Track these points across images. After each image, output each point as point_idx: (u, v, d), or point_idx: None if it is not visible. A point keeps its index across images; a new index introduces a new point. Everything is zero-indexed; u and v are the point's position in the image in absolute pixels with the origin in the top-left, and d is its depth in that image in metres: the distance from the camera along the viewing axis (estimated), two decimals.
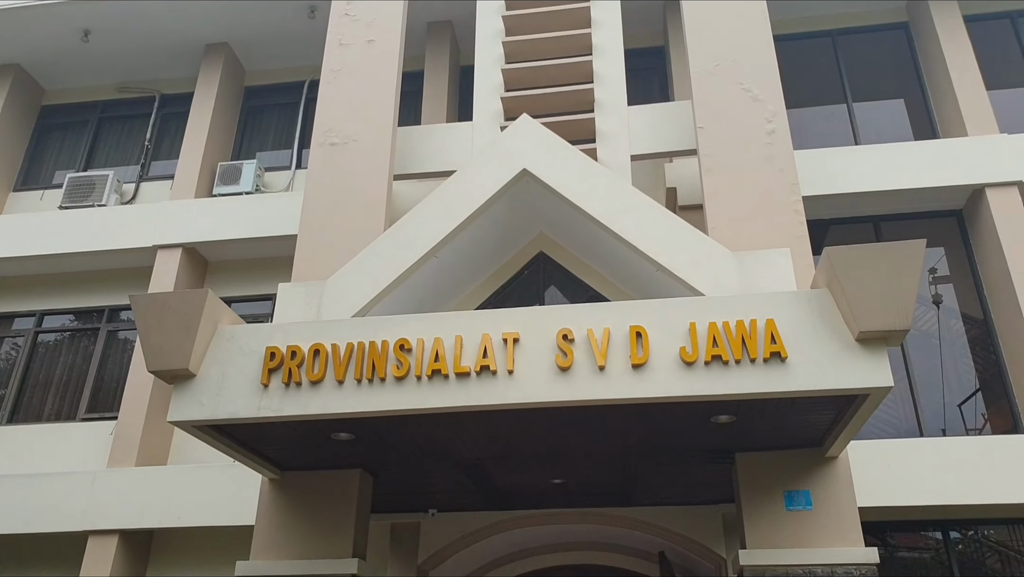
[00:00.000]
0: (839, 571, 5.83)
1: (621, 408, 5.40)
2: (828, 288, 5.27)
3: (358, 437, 5.99)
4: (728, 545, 7.73)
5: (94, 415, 10.04)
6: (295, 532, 6.52)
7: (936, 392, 9.15)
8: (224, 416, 5.52)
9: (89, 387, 10.24)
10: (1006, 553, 8.47)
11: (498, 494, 7.73)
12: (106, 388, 10.27)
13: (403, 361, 5.42)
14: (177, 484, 8.86)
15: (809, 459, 6.21)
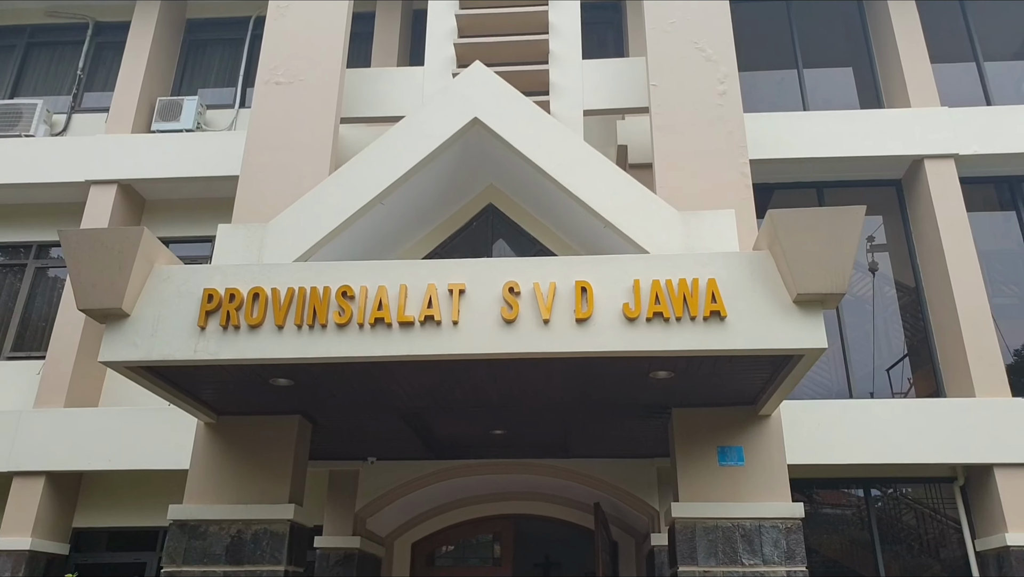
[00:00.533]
0: (766, 524, 6.05)
1: (564, 361, 5.44)
2: (769, 250, 5.36)
3: (297, 383, 5.92)
4: (661, 498, 7.94)
5: (20, 353, 9.71)
6: (231, 477, 6.45)
7: (867, 356, 9.48)
8: (159, 358, 5.37)
9: (15, 325, 9.87)
10: (922, 511, 8.91)
11: (438, 443, 7.77)
12: (34, 326, 9.93)
13: (345, 308, 5.34)
14: (108, 426, 8.66)
15: (743, 416, 6.38)
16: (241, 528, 6.25)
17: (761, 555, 5.95)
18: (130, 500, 9.00)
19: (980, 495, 8.27)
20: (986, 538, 8.10)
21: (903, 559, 8.63)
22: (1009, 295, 9.57)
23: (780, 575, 5.87)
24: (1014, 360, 9.22)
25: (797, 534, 6.01)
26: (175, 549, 6.22)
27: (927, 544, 8.75)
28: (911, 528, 8.86)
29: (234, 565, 6.14)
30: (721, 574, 5.93)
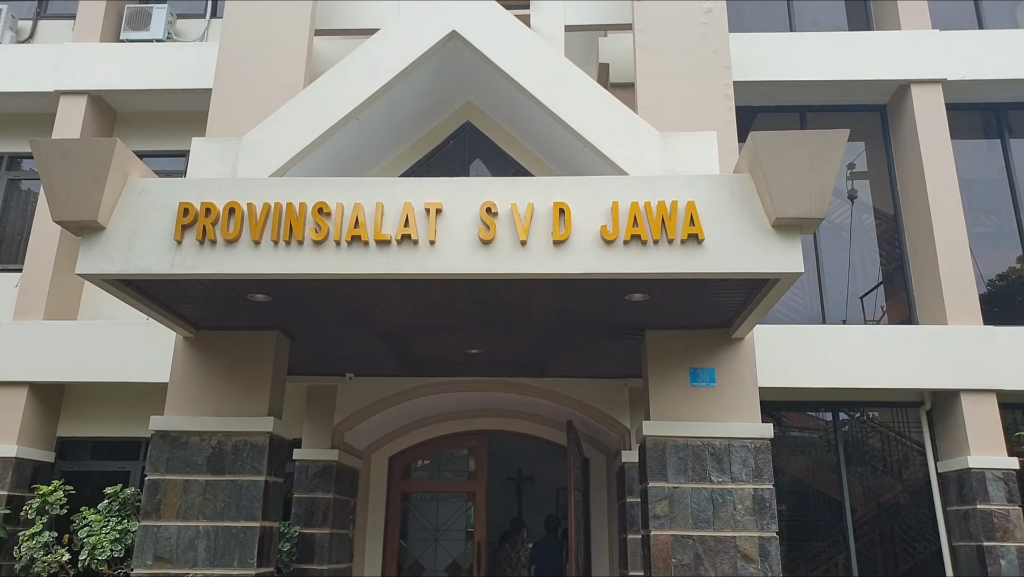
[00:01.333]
0: (735, 444, 6.22)
1: (541, 283, 5.46)
2: (750, 173, 5.34)
3: (275, 299, 5.92)
4: (633, 417, 8.13)
5: None
6: (210, 390, 6.53)
7: (841, 283, 9.59)
8: (136, 271, 5.35)
9: None
10: (887, 434, 9.19)
11: (415, 361, 7.87)
12: (9, 239, 9.81)
13: (322, 225, 5.31)
14: (88, 339, 8.69)
15: (716, 339, 6.48)
16: (222, 439, 6.36)
17: (730, 473, 6.14)
18: (113, 411, 9.10)
19: (945, 419, 8.52)
20: (948, 460, 8.39)
21: (867, 480, 8.95)
22: (987, 224, 9.64)
23: (747, 492, 6.08)
24: (987, 289, 9.37)
25: (765, 454, 6.20)
26: (158, 458, 6.34)
27: (891, 466, 9.06)
28: (876, 451, 9.16)
29: (215, 474, 6.27)
30: (690, 490, 6.13)
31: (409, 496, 9.73)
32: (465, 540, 9.53)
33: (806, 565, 8.63)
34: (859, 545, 8.62)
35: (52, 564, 7.60)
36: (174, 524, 6.18)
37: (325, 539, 8.01)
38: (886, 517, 8.80)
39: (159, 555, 6.10)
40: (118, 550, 7.40)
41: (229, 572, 6.05)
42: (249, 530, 6.14)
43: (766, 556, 5.94)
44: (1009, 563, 7.57)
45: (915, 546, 8.66)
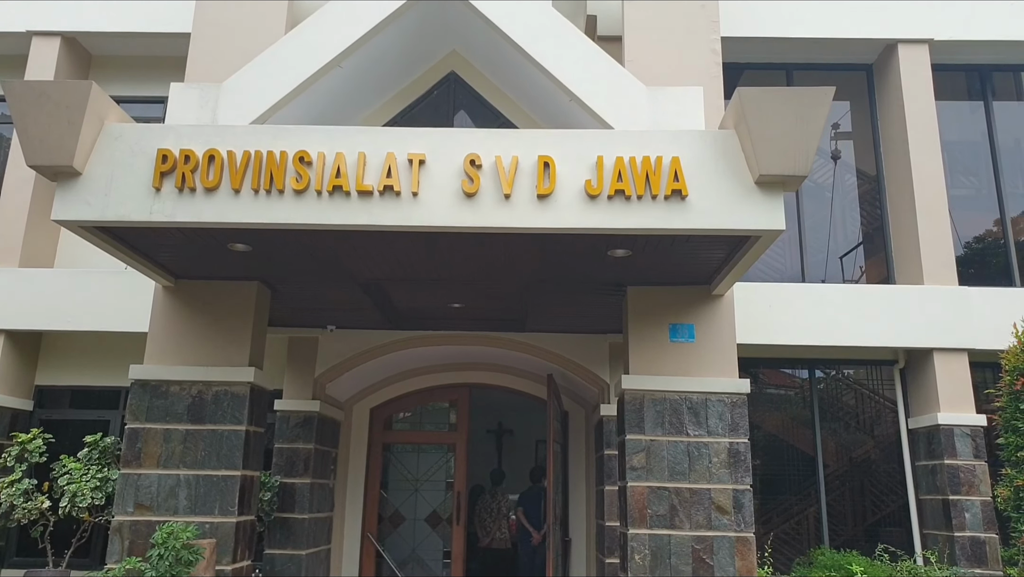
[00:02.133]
0: (712, 398, 6.32)
1: (524, 237, 5.46)
2: (735, 129, 5.32)
3: (255, 249, 5.87)
4: (612, 371, 8.21)
5: None
6: (190, 339, 6.50)
7: (822, 243, 9.66)
8: (113, 218, 5.28)
9: None
10: (861, 391, 9.36)
11: (397, 314, 7.87)
12: None
13: (303, 174, 5.25)
14: (66, 287, 8.59)
15: (696, 296, 6.53)
16: (202, 389, 6.36)
17: (706, 427, 6.25)
18: (91, 360, 9.06)
19: (917, 377, 8.68)
20: (919, 417, 8.57)
21: (839, 436, 9.13)
22: (967, 186, 9.72)
23: (723, 446, 6.20)
24: (964, 251, 9.47)
25: (742, 408, 6.30)
26: (138, 407, 6.34)
27: (863, 422, 9.25)
28: (849, 408, 9.33)
29: (196, 424, 6.29)
30: (666, 443, 6.23)
31: (390, 447, 9.82)
32: (445, 490, 9.66)
33: (778, 517, 8.85)
34: (830, 499, 8.84)
35: (32, 511, 7.62)
36: (155, 472, 6.21)
37: (306, 488, 8.09)
38: (857, 472, 9.02)
39: (140, 502, 6.14)
40: (99, 498, 7.43)
41: (210, 520, 6.10)
42: (230, 479, 6.18)
43: (739, 508, 6.08)
44: (973, 516, 7.80)
45: (883, 500, 8.90)
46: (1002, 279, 9.14)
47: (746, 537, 6.03)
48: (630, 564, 6.01)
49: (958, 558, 7.72)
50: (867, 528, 8.82)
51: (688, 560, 5.98)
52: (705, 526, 6.04)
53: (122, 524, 6.10)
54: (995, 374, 8.31)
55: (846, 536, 8.72)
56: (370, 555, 9.28)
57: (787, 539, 8.80)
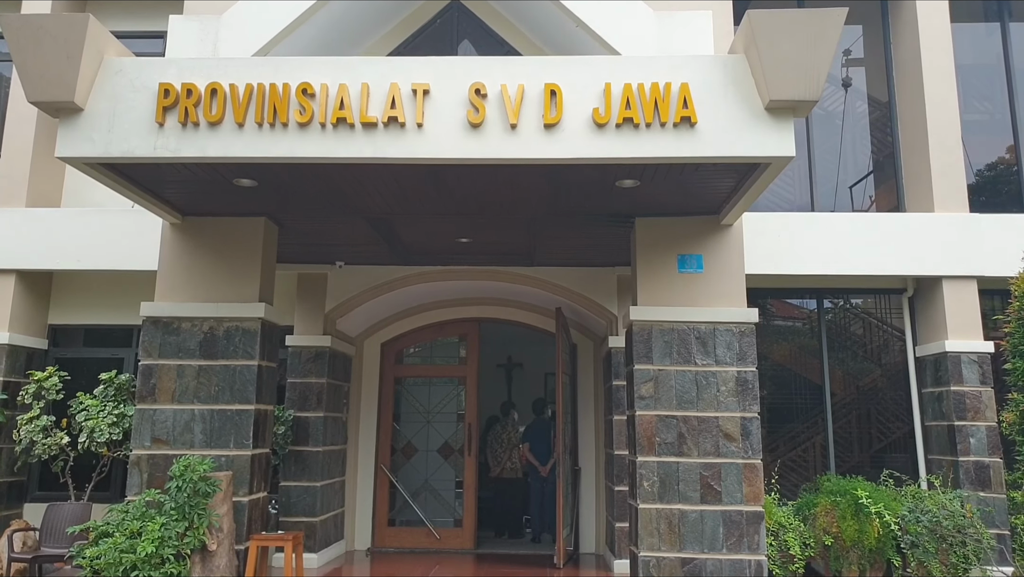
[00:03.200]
0: (720, 328, 6.34)
1: (531, 168, 5.40)
2: (745, 53, 5.21)
3: (261, 184, 5.85)
4: (620, 304, 8.23)
5: None
6: (199, 276, 6.53)
7: (831, 172, 9.54)
8: (118, 154, 5.25)
9: None
10: (869, 321, 9.37)
11: (405, 249, 7.86)
12: None
13: (306, 107, 5.18)
14: (74, 226, 8.60)
15: (705, 226, 6.50)
16: (213, 325, 6.42)
17: (714, 356, 6.29)
18: (103, 299, 9.12)
19: (926, 306, 8.68)
20: (926, 345, 8.60)
21: (847, 365, 9.19)
22: (980, 111, 9.53)
23: (731, 374, 6.24)
24: (976, 179, 9.35)
25: (750, 337, 6.33)
26: (150, 344, 6.41)
27: (871, 352, 9.29)
28: (857, 337, 9.36)
29: (208, 359, 6.36)
30: (674, 372, 6.29)
31: (402, 381, 9.94)
32: (456, 422, 9.81)
33: (785, 446, 8.97)
34: (836, 427, 8.94)
35: (52, 446, 7.79)
36: (170, 407, 6.31)
37: (320, 422, 8.23)
38: (864, 400, 9.10)
39: (157, 437, 6.26)
40: (116, 433, 7.58)
41: (226, 453, 6.23)
42: (244, 413, 6.29)
43: (747, 435, 6.16)
44: (978, 441, 7.89)
45: (889, 427, 9.00)
46: (1013, 206, 9.04)
47: (754, 464, 6.12)
48: (639, 491, 6.13)
49: (962, 482, 7.84)
50: (873, 455, 8.95)
51: (696, 486, 6.09)
52: (713, 453, 6.14)
53: (140, 458, 6.23)
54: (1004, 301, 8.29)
55: (852, 463, 8.85)
56: (383, 486, 9.49)
57: (794, 466, 8.94)
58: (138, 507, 5.73)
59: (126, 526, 5.49)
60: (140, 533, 5.44)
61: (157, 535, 5.39)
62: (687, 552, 5.99)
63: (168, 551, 5.41)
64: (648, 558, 6.00)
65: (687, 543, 6.00)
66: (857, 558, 7.57)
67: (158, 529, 5.43)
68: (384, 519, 9.43)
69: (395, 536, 9.40)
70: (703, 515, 6.04)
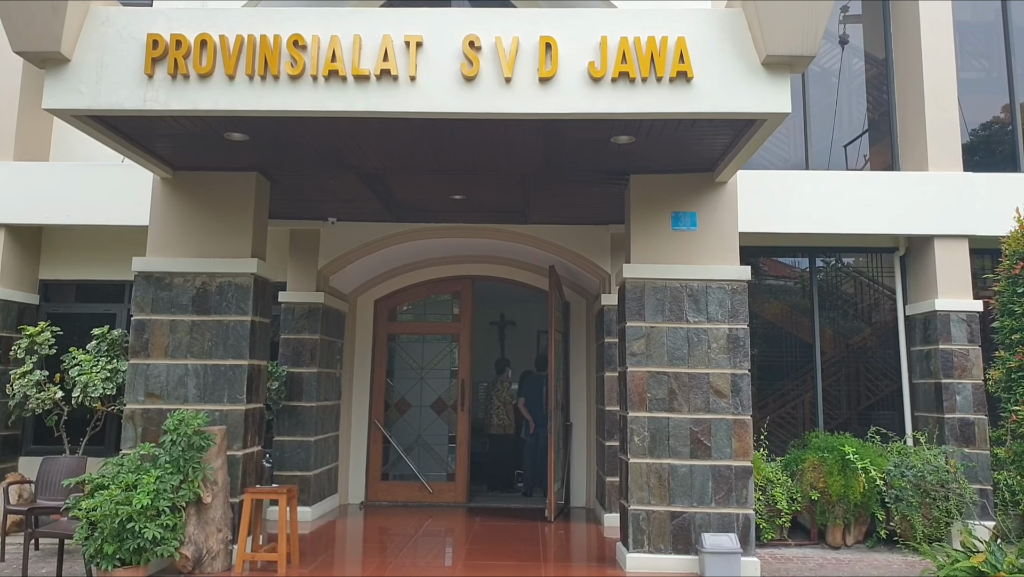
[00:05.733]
0: (713, 285, 6.37)
1: (526, 123, 5.36)
2: (742, 7, 5.14)
3: (253, 139, 5.79)
4: (614, 262, 8.24)
5: None
6: (191, 231, 6.50)
7: (826, 131, 9.50)
8: (106, 107, 5.17)
9: None
10: (860, 280, 9.41)
11: (398, 206, 7.83)
12: None
13: (297, 59, 5.10)
14: (64, 180, 8.51)
15: (699, 183, 6.48)
16: (206, 280, 6.40)
17: (706, 313, 6.32)
18: (95, 254, 9.08)
19: (917, 264, 8.72)
20: (917, 304, 8.66)
21: (837, 323, 9.25)
22: (977, 69, 9.47)
23: (723, 332, 6.29)
24: (970, 139, 9.33)
25: (742, 295, 6.36)
26: (143, 299, 6.40)
27: (862, 310, 9.35)
28: (848, 296, 9.41)
29: (201, 315, 6.36)
30: (666, 329, 6.32)
31: (395, 337, 9.98)
32: (450, 378, 9.87)
33: (775, 403, 9.08)
34: (826, 384, 9.04)
35: (46, 401, 7.81)
36: (163, 362, 6.32)
37: (313, 377, 8.27)
38: (853, 358, 9.19)
39: (150, 391, 6.28)
40: (109, 388, 7.60)
41: (220, 407, 6.26)
42: (237, 368, 6.31)
43: (737, 392, 6.22)
44: (964, 398, 8.00)
45: (878, 385, 9.10)
46: (1007, 166, 9.04)
47: (743, 420, 6.20)
48: (629, 446, 6.21)
49: (947, 439, 7.97)
50: (861, 412, 9.07)
51: (686, 441, 6.17)
52: (703, 409, 6.21)
53: (134, 412, 6.26)
54: (994, 260, 8.34)
55: (840, 420, 8.97)
56: (377, 440, 9.59)
57: (782, 423, 9.06)
58: (133, 460, 5.77)
59: (121, 479, 5.53)
60: (135, 486, 5.48)
61: (152, 488, 5.43)
62: (676, 506, 6.10)
63: (163, 503, 5.46)
64: (638, 512, 6.11)
65: (676, 497, 6.10)
66: (842, 512, 7.72)
67: (153, 482, 5.47)
68: (378, 473, 9.54)
69: (388, 490, 9.52)
70: (693, 470, 6.13)
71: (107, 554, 5.32)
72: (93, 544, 5.36)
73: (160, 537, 5.39)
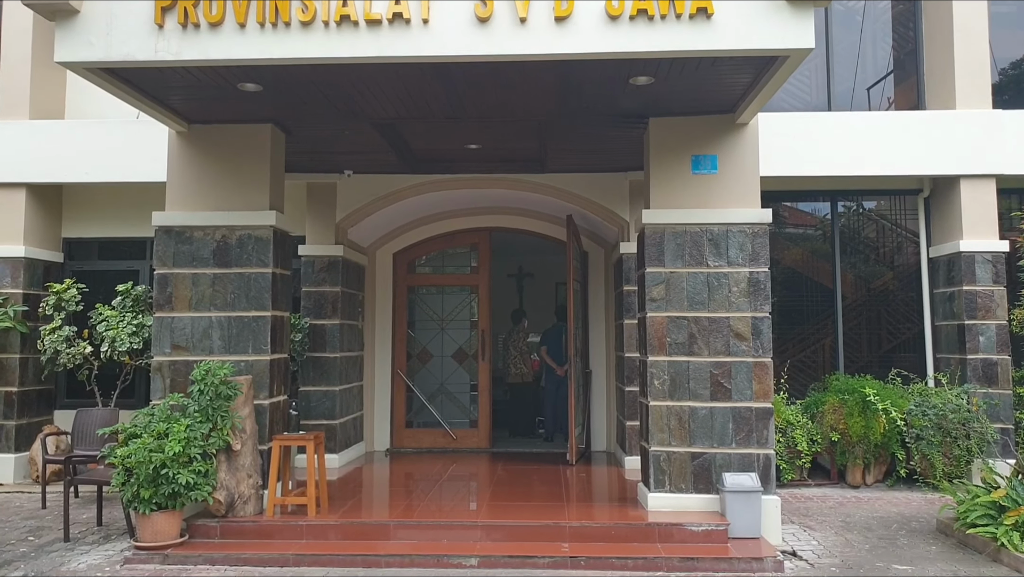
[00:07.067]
0: (734, 229, 6.30)
1: (541, 65, 5.26)
2: None
3: (266, 89, 5.74)
4: (632, 210, 8.16)
5: None
6: (209, 185, 6.51)
7: (850, 72, 9.29)
8: (118, 58, 5.14)
9: None
10: (882, 224, 9.29)
11: (414, 157, 7.78)
12: None
13: (308, 5, 5.03)
14: (79, 138, 8.56)
15: (719, 125, 6.37)
16: (226, 233, 6.43)
17: (726, 257, 6.27)
18: (115, 212, 9.17)
19: (942, 206, 8.59)
20: (940, 245, 8.55)
21: (858, 268, 9.18)
22: (1009, 3, 9.18)
23: (743, 275, 6.24)
24: (1000, 78, 9.09)
25: (763, 238, 6.29)
26: (164, 253, 6.45)
27: (884, 255, 9.26)
28: (870, 240, 9.31)
29: (223, 267, 6.41)
30: (686, 274, 6.28)
31: (415, 289, 10.03)
32: (470, 329, 9.93)
33: (795, 348, 9.07)
34: (846, 328, 9.01)
35: (76, 356, 7.97)
36: (187, 315, 6.40)
37: (336, 329, 8.34)
38: (874, 302, 9.13)
39: (176, 344, 6.37)
40: (136, 343, 7.74)
41: (245, 358, 6.34)
42: (260, 319, 6.37)
43: (758, 334, 6.20)
44: (987, 339, 7.94)
45: (899, 328, 9.05)
46: None
47: (764, 362, 6.19)
48: (649, 389, 6.24)
49: (969, 379, 7.94)
50: (882, 355, 9.04)
51: (706, 384, 6.18)
52: (723, 352, 6.20)
53: (162, 364, 6.36)
54: (1022, 199, 8.21)
55: (861, 363, 8.95)
56: (400, 390, 9.71)
57: (802, 367, 9.06)
58: (163, 410, 5.89)
59: (153, 428, 5.65)
60: (167, 434, 5.60)
61: (183, 436, 5.55)
62: (697, 447, 6.13)
63: (194, 450, 5.58)
64: (659, 453, 6.16)
65: (697, 438, 6.14)
66: (862, 453, 7.76)
67: (183, 430, 5.59)
68: (402, 421, 9.69)
69: (413, 437, 9.68)
70: (713, 411, 6.15)
71: (144, 499, 5.47)
72: (130, 489, 5.51)
73: (193, 482, 5.53)
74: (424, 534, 5.84)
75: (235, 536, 5.84)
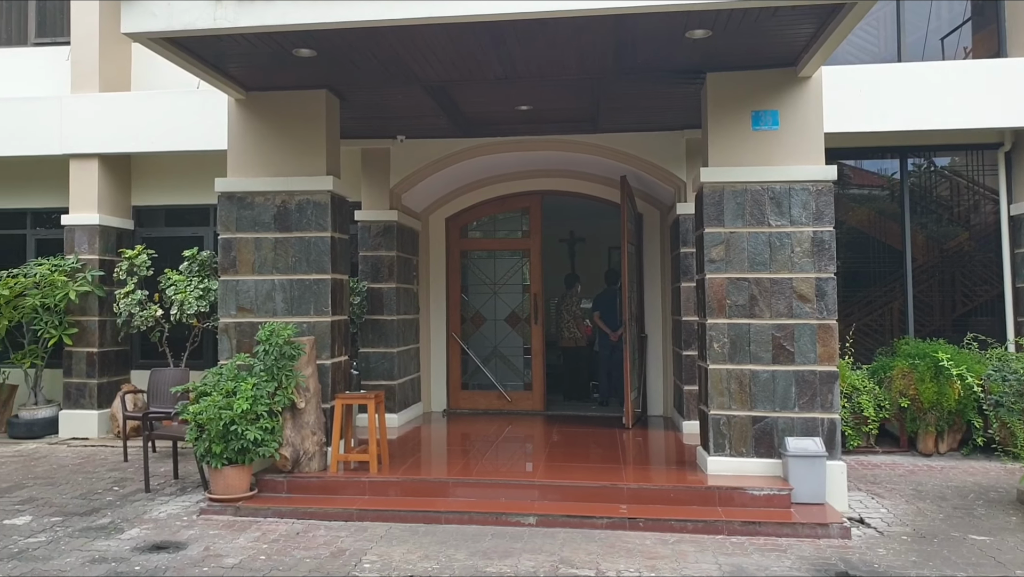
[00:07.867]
0: (796, 187, 6.10)
1: (594, 20, 5.16)
2: None
3: (320, 54, 5.79)
4: (689, 169, 7.98)
5: (45, 40, 9.60)
6: (267, 151, 6.62)
7: (922, 20, 8.86)
8: (179, 27, 5.24)
9: (34, 10, 9.65)
10: (957, 182, 8.89)
11: (465, 120, 7.76)
12: (52, 9, 9.68)
13: None
14: (145, 109, 8.81)
15: (780, 79, 6.15)
16: (285, 198, 6.54)
17: (789, 216, 6.09)
18: (181, 180, 9.44)
19: None
20: (1022, 203, 8.14)
21: (929, 228, 8.82)
22: None
23: (807, 235, 6.05)
24: None
25: (827, 196, 6.08)
26: (227, 218, 6.61)
27: (957, 214, 8.87)
28: (943, 199, 8.93)
29: (283, 232, 6.53)
30: (747, 234, 6.12)
31: (467, 254, 10.07)
32: (522, 293, 9.94)
33: (860, 311, 8.81)
34: (917, 291, 8.70)
35: (148, 319, 8.30)
36: (251, 278, 6.56)
37: (392, 292, 8.45)
38: (948, 264, 8.78)
39: (241, 306, 6.55)
40: (203, 306, 8.00)
41: (307, 319, 6.48)
42: (321, 282, 6.49)
43: (822, 296, 6.03)
44: None
45: (975, 290, 8.70)
46: None
47: (828, 324, 6.02)
48: (708, 352, 6.14)
49: None
50: (955, 319, 8.72)
51: (768, 347, 6.05)
52: (786, 314, 6.05)
53: (228, 326, 6.55)
54: None
55: (932, 328, 8.65)
56: (455, 353, 9.81)
57: (868, 332, 8.80)
58: (231, 370, 6.08)
59: (222, 386, 5.86)
60: (235, 392, 5.80)
61: (250, 394, 5.73)
62: (758, 410, 6.03)
63: (261, 408, 5.77)
64: (719, 416, 6.08)
65: (758, 402, 6.03)
66: (935, 420, 7.51)
67: (250, 389, 5.77)
68: (457, 383, 9.80)
69: (468, 398, 9.79)
70: (775, 375, 6.03)
71: (215, 453, 5.70)
72: (202, 444, 5.75)
73: (261, 439, 5.73)
74: (482, 492, 5.92)
75: (301, 491, 6.04)
